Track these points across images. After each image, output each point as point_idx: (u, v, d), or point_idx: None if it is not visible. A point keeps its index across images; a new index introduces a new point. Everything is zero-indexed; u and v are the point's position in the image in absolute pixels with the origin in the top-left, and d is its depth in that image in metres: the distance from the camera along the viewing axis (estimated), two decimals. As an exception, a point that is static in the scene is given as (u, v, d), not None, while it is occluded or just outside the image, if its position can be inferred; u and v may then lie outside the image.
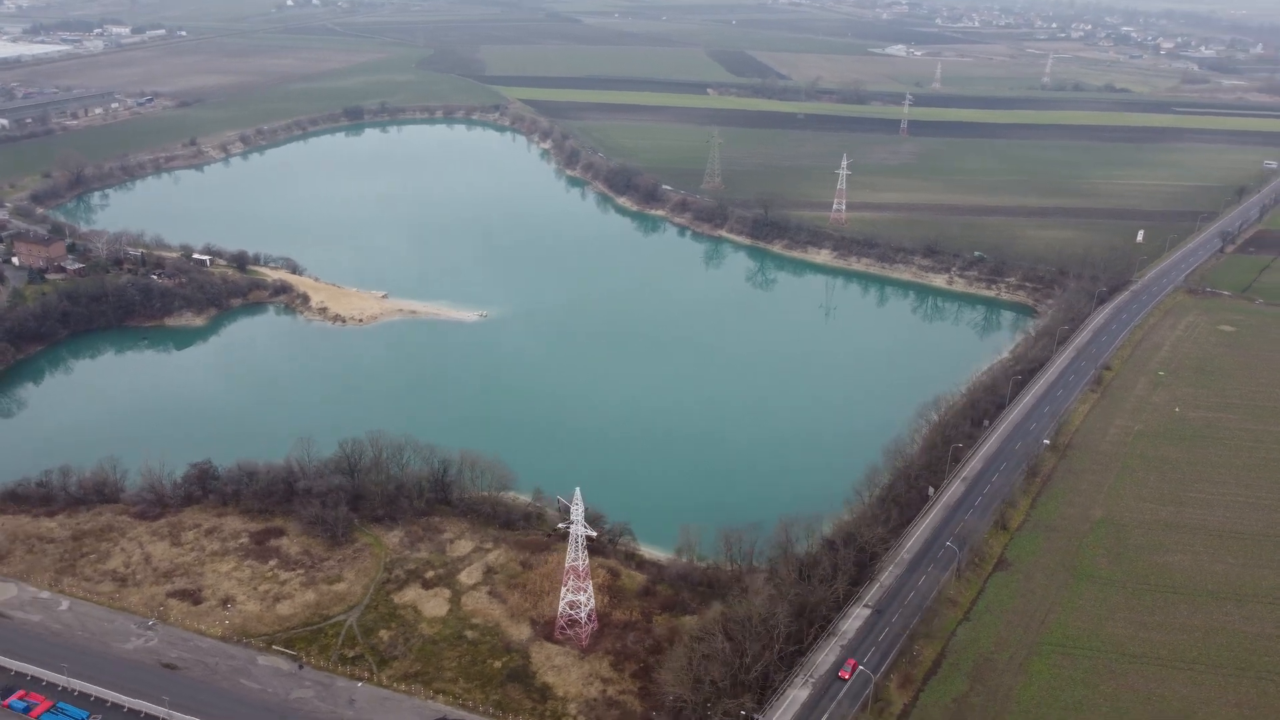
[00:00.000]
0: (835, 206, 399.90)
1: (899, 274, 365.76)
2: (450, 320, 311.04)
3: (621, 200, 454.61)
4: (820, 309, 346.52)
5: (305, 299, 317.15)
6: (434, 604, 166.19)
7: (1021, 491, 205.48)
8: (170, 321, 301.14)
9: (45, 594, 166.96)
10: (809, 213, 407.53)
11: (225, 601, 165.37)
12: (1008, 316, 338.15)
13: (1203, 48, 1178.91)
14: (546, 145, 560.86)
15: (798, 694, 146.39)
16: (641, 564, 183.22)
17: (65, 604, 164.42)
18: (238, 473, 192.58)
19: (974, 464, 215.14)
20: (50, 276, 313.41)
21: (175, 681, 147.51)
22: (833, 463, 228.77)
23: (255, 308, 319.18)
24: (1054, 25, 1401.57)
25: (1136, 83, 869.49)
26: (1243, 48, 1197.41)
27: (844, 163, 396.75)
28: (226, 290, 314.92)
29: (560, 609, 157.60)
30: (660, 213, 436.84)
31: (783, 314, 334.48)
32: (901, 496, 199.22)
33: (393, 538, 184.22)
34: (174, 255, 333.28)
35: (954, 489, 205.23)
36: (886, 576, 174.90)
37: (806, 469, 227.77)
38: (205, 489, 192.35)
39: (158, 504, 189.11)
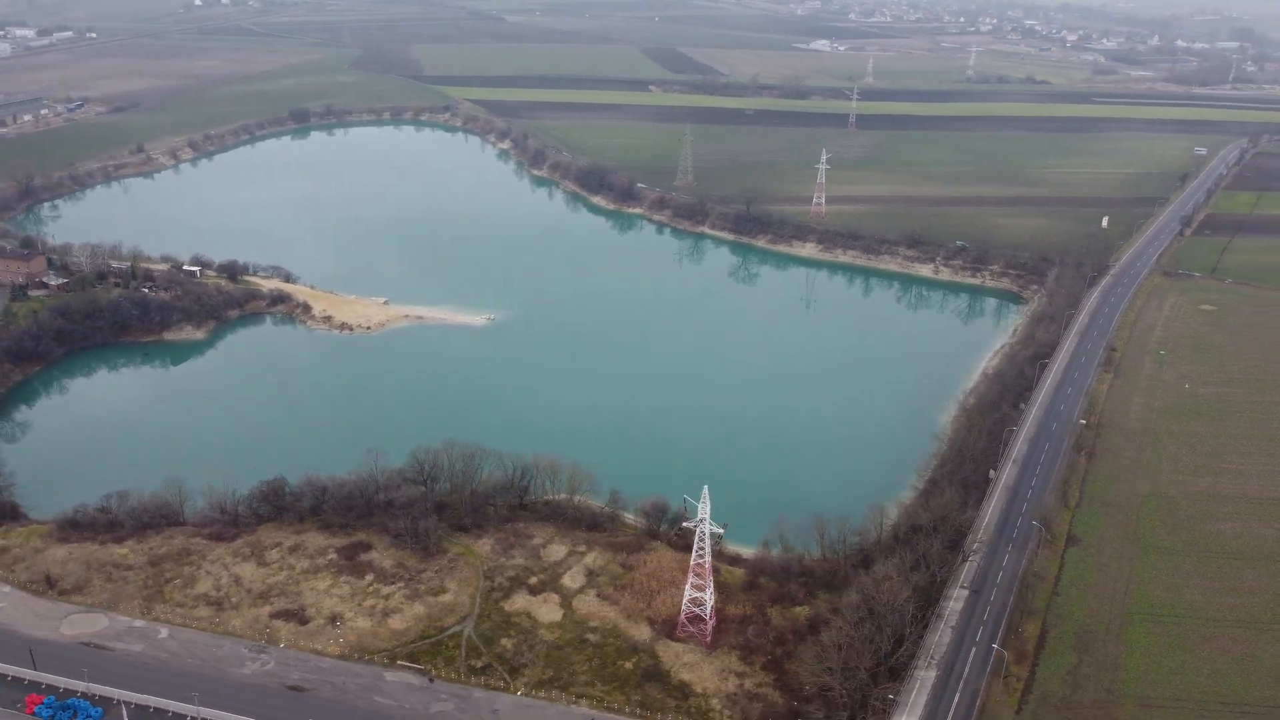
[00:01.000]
0: (815, 200, 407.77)
1: (885, 265, 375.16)
2: (457, 325, 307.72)
3: (596, 199, 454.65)
4: (818, 302, 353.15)
5: (306, 308, 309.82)
6: (546, 609, 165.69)
7: (1070, 469, 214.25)
8: (169, 336, 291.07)
9: (140, 623, 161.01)
10: (784, 207, 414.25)
11: (333, 619, 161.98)
12: (997, 303, 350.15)
13: (1104, 40, 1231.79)
14: (505, 145, 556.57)
15: (924, 675, 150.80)
16: (734, 560, 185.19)
17: (164, 632, 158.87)
18: (310, 488, 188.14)
19: (1019, 445, 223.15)
20: (33, 293, 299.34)
21: (307, 703, 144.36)
22: (869, 452, 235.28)
23: (252, 319, 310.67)
24: (962, 19, 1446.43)
25: (1052, 74, 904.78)
26: (1139, 40, 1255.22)
27: (823, 157, 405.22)
28: (223, 301, 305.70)
29: (683, 606, 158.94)
30: (637, 210, 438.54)
31: (783, 308, 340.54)
32: (967, 479, 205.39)
33: (483, 546, 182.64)
34: (163, 267, 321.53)
35: (1008, 470, 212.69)
36: (973, 558, 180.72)
37: (847, 460, 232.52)
38: (278, 506, 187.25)
39: (231, 524, 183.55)
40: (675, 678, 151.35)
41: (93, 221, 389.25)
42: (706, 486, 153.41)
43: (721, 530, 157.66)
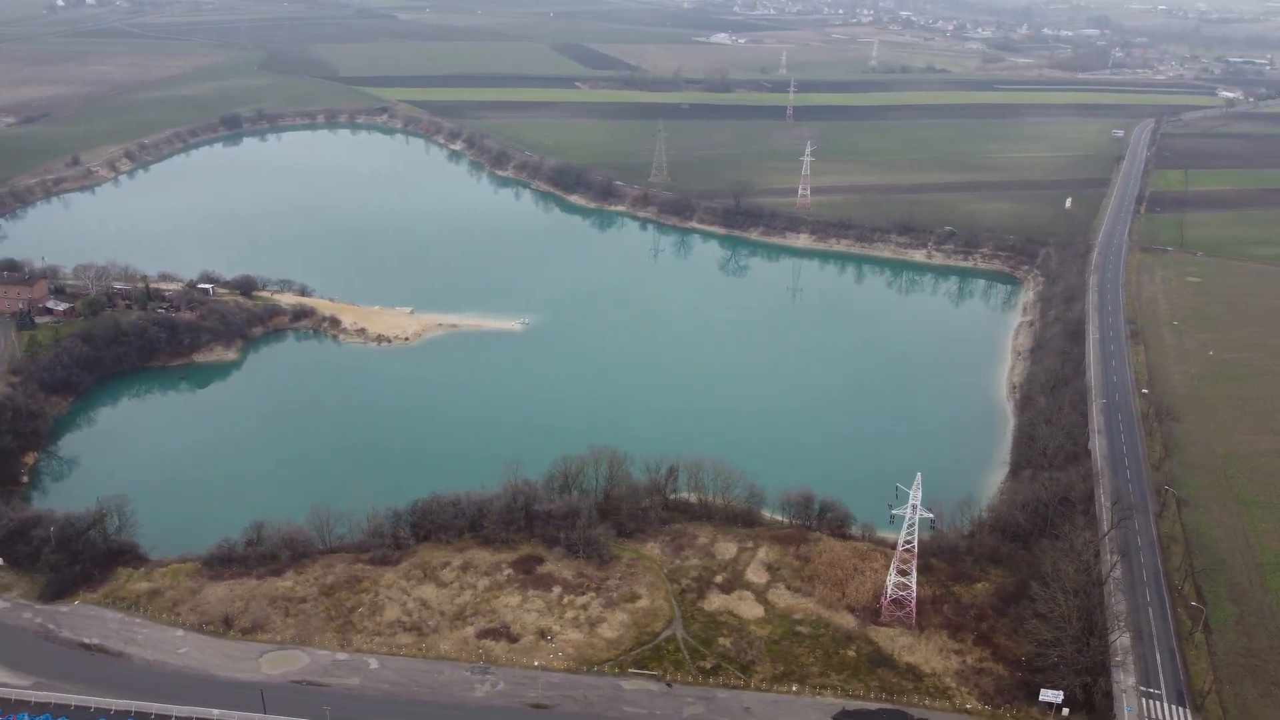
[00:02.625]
0: (801, 192, 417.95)
1: (879, 252, 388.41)
2: (493, 331, 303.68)
3: (573, 198, 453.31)
4: (830, 291, 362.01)
5: (335, 321, 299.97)
6: (746, 606, 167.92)
7: (1149, 437, 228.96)
8: (199, 358, 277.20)
9: (342, 655, 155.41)
10: (758, 200, 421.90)
11: (542, 634, 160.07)
12: (994, 284, 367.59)
13: (979, 29, 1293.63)
14: (457, 146, 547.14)
15: (1118, 638, 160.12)
16: (880, 543, 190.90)
17: (374, 662, 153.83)
18: (469, 504, 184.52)
19: (1094, 418, 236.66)
20: (39, 320, 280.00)
21: (547, 716, 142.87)
22: (938, 434, 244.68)
23: (277, 335, 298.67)
24: (841, 11, 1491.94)
25: (947, 63, 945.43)
26: (1009, 28, 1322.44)
27: (808, 149, 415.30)
28: (246, 319, 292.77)
29: (888, 590, 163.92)
30: (620, 208, 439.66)
31: (800, 300, 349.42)
32: (1068, 451, 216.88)
33: (652, 549, 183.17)
34: (176, 287, 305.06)
35: (1096, 442, 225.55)
36: (1106, 526, 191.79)
37: (920, 444, 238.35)
38: (438, 525, 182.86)
39: (393, 547, 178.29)
40: (900, 661, 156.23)
41: (47, 240, 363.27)
42: (920, 474, 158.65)
43: (931, 516, 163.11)
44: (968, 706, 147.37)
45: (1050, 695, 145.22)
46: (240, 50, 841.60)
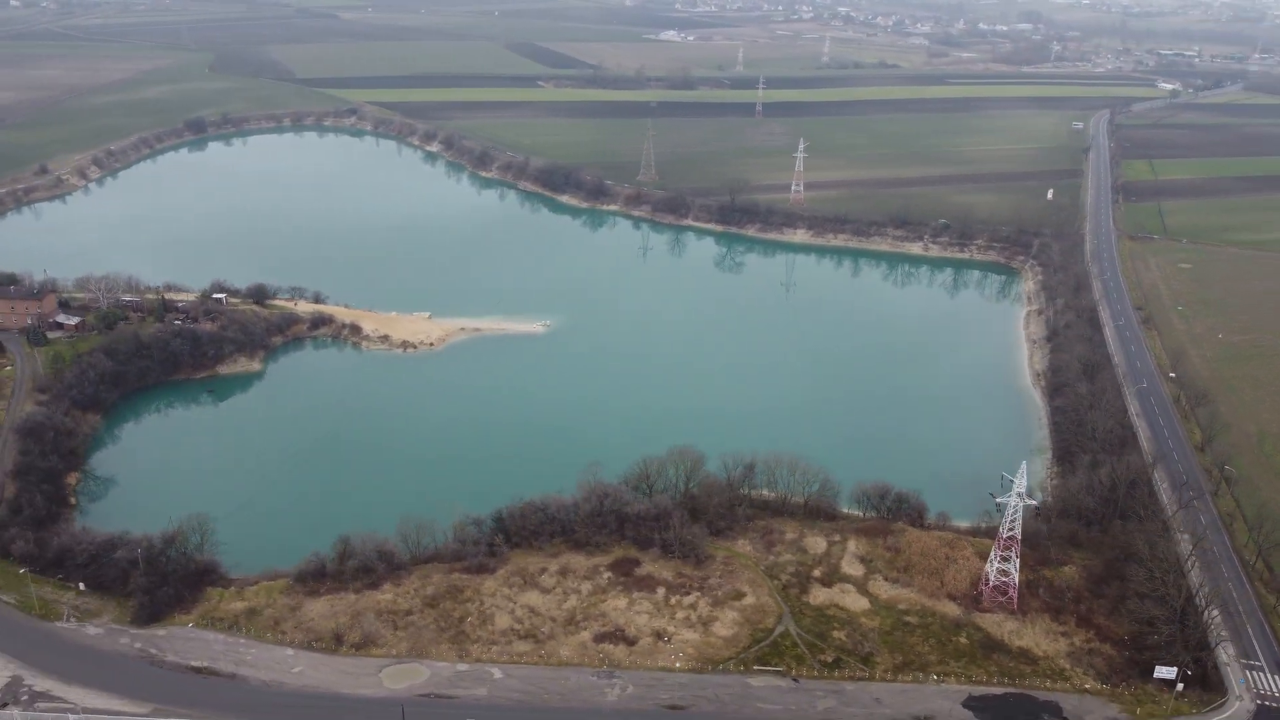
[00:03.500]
0: (794, 187, 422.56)
1: (877, 246, 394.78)
2: (516, 334, 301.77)
3: (564, 198, 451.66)
4: (836, 286, 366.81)
5: (355, 329, 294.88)
6: (850, 599, 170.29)
7: (1184, 420, 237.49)
8: (223, 370, 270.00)
9: (463, 666, 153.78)
10: (753, 196, 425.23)
11: (658, 635, 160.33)
12: (993, 275, 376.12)
13: (919, 24, 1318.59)
14: (434, 148, 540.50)
15: (1211, 614, 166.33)
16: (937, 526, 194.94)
17: (497, 672, 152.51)
18: (560, 508, 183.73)
19: (1131, 403, 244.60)
20: (51, 335, 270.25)
21: (687, 717, 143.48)
22: (972, 423, 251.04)
23: (295, 344, 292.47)
24: (781, 7, 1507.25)
25: (895, 58, 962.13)
26: (945, 23, 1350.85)
27: (801, 146, 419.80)
28: (265, 328, 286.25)
29: (991, 577, 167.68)
30: (612, 207, 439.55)
31: (810, 295, 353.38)
32: (1116, 436, 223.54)
33: (743, 547, 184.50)
34: (190, 297, 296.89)
35: (1140, 426, 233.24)
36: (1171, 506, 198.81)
37: (957, 431, 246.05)
38: (528, 531, 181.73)
39: (488, 554, 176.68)
40: (1012, 645, 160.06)
41: (27, 252, 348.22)
42: (1025, 462, 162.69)
43: (1036, 503, 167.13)
44: (1086, 687, 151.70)
45: (1164, 672, 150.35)
46: (186, 52, 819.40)
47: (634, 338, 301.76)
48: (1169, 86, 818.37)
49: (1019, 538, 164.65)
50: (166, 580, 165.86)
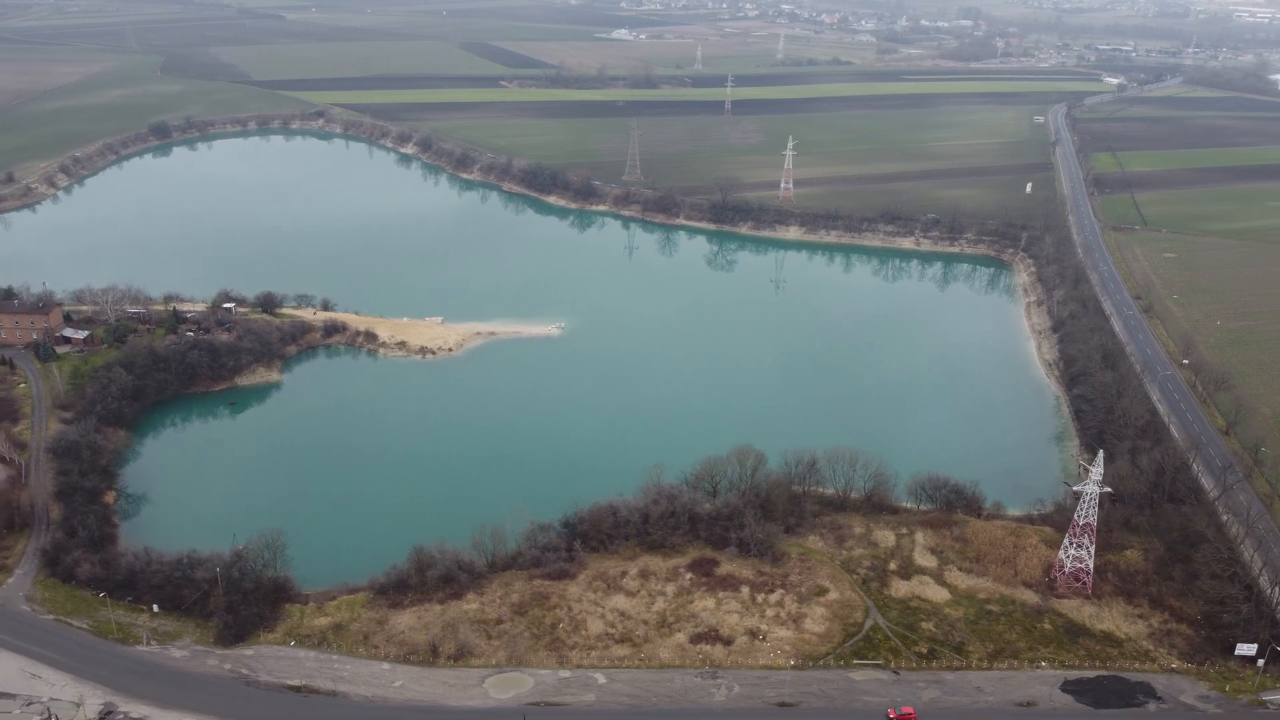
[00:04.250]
0: (783, 185, 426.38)
1: (869, 241, 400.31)
2: (532, 337, 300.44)
3: (550, 199, 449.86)
4: (835, 282, 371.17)
5: (370, 336, 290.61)
6: (930, 590, 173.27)
7: (1204, 405, 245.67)
8: (242, 381, 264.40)
9: (565, 673, 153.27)
10: (740, 194, 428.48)
11: (752, 635, 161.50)
12: (985, 268, 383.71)
13: (863, 21, 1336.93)
14: (409, 150, 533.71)
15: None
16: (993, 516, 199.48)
17: (600, 677, 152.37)
18: (624, 512, 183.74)
19: (1152, 390, 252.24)
20: (60, 350, 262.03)
21: (807, 716, 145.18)
22: (994, 414, 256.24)
23: (309, 353, 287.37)
24: (724, 5, 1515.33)
25: (848, 55, 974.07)
26: (889, 20, 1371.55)
27: (790, 144, 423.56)
28: (279, 337, 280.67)
29: (1067, 564, 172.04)
30: (601, 207, 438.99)
31: (808, 292, 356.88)
32: (1143, 424, 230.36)
33: (814, 543, 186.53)
34: (200, 307, 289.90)
35: (1165, 413, 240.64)
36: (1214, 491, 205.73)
37: (981, 424, 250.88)
38: (602, 534, 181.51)
39: (567, 560, 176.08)
40: (1094, 629, 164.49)
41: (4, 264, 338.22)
42: (1101, 451, 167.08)
43: (1111, 490, 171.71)
44: (1173, 666, 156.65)
45: (1245, 649, 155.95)
46: (131, 54, 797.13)
47: (651, 338, 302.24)
48: (1114, 80, 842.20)
49: (1094, 525, 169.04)
50: (248, 599, 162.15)
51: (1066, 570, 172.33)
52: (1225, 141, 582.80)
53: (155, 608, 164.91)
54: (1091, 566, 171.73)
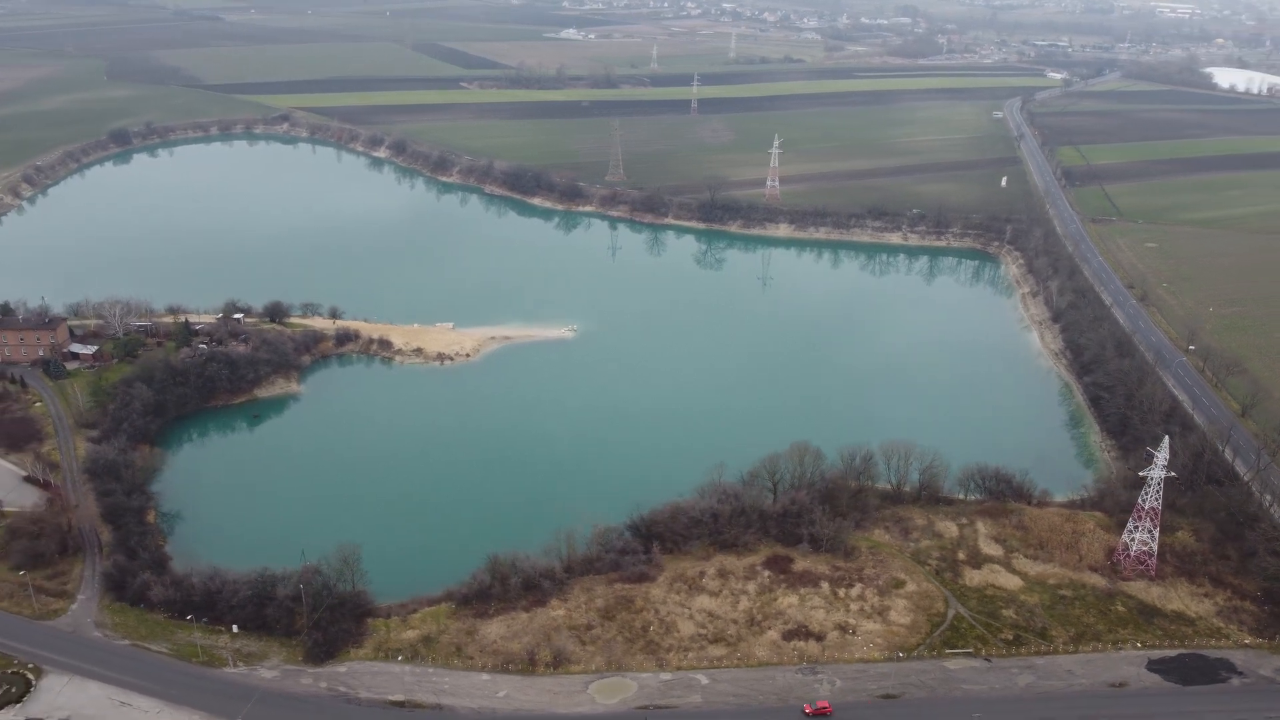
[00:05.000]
0: (770, 183, 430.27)
1: (858, 237, 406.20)
2: (546, 340, 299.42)
3: (535, 200, 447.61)
4: (831, 279, 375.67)
5: (385, 343, 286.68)
6: (1003, 578, 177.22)
7: (1216, 389, 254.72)
8: (261, 393, 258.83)
9: (666, 675, 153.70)
10: (727, 193, 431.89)
11: (842, 629, 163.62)
12: (973, 261, 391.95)
13: (804, 19, 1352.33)
14: (381, 153, 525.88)
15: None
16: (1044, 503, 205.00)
17: (703, 678, 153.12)
18: (694, 513, 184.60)
19: (1166, 376, 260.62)
20: (70, 366, 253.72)
21: (911, 706, 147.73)
22: (1011, 405, 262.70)
23: (323, 362, 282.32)
24: (666, 4, 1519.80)
25: (795, 53, 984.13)
26: (830, 18, 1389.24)
27: (776, 142, 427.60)
28: (294, 347, 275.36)
29: (1133, 547, 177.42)
30: (588, 208, 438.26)
31: (809, 286, 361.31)
32: (1165, 410, 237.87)
33: (880, 536, 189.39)
34: (210, 319, 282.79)
35: (1182, 398, 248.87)
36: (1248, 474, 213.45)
37: (999, 415, 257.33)
38: (680, 535, 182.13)
39: (639, 562, 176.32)
40: (1166, 609, 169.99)
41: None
42: (1168, 437, 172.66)
43: (1175, 475, 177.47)
44: (1245, 641, 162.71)
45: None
46: (71, 59, 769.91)
47: (663, 337, 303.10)
48: (1058, 75, 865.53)
49: (1159, 509, 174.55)
50: (334, 615, 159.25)
51: (1132, 553, 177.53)
52: (1175, 134, 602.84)
53: (235, 628, 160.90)
54: (1156, 549, 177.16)
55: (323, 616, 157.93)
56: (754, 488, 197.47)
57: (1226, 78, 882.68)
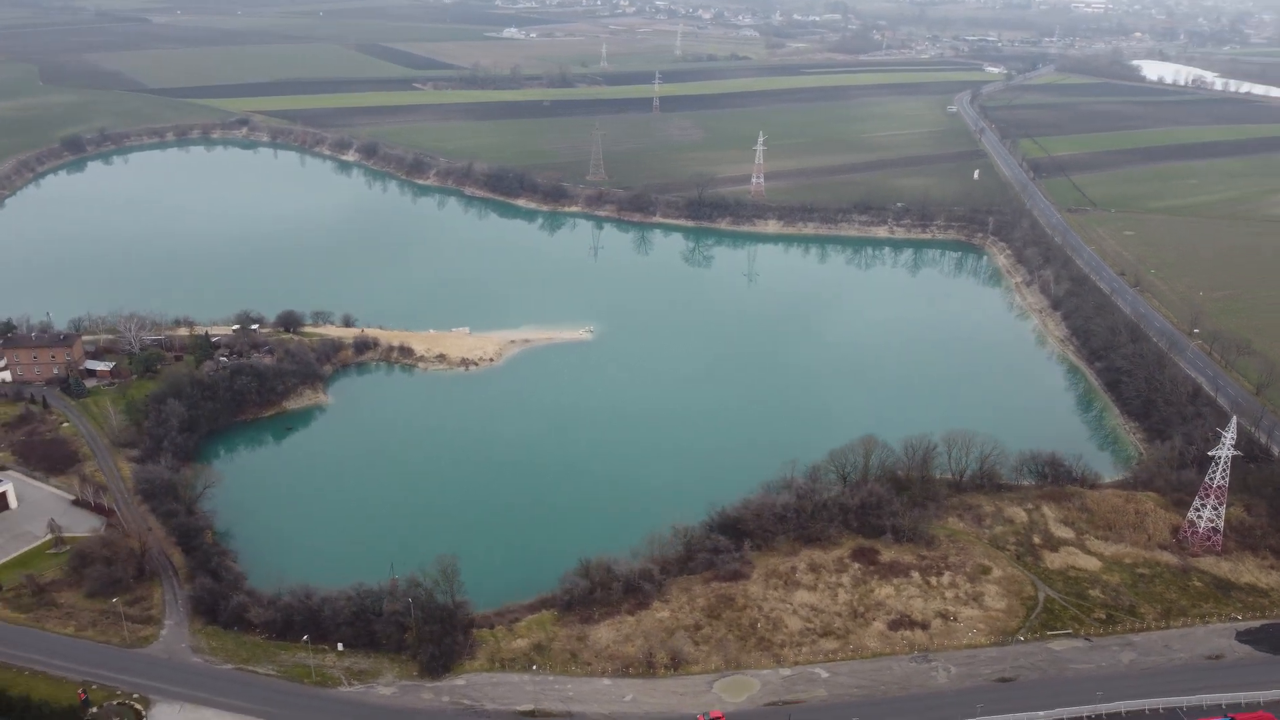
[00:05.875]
0: (755, 179, 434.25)
1: (845, 231, 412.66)
2: (565, 342, 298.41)
3: (519, 202, 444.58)
4: (827, 274, 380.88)
5: (405, 350, 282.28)
6: (1082, 560, 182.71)
7: (1227, 370, 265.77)
8: (290, 405, 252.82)
9: (786, 671, 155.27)
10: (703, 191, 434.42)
11: (943, 616, 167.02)
12: (959, 253, 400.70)
13: (739, 16, 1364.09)
14: (349, 157, 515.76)
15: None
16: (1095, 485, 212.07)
17: (823, 672, 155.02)
18: (778, 509, 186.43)
19: (1179, 360, 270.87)
20: (89, 384, 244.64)
21: (1028, 688, 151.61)
22: (1036, 395, 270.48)
23: (344, 371, 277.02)
24: (599, 2, 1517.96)
25: (740, 50, 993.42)
26: (763, 15, 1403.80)
27: (760, 139, 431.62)
28: (315, 357, 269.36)
29: (1201, 524, 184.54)
30: (574, 209, 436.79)
31: (809, 282, 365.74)
32: (1193, 392, 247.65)
33: (955, 524, 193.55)
34: (226, 331, 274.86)
35: (1199, 380, 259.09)
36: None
37: (1004, 393, 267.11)
38: (768, 530, 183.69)
39: (734, 560, 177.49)
40: (1240, 582, 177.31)
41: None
42: (1235, 418, 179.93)
43: (1241, 454, 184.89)
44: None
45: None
46: (1, 63, 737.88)
47: (679, 336, 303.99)
48: (995, 70, 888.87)
49: (1226, 486, 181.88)
50: (442, 628, 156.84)
51: (1200, 530, 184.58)
52: (1117, 125, 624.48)
53: (340, 646, 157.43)
54: (1222, 526, 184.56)
55: (432, 630, 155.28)
56: (817, 481, 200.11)
57: (1153, 70, 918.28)
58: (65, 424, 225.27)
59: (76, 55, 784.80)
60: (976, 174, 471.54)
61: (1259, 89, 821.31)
